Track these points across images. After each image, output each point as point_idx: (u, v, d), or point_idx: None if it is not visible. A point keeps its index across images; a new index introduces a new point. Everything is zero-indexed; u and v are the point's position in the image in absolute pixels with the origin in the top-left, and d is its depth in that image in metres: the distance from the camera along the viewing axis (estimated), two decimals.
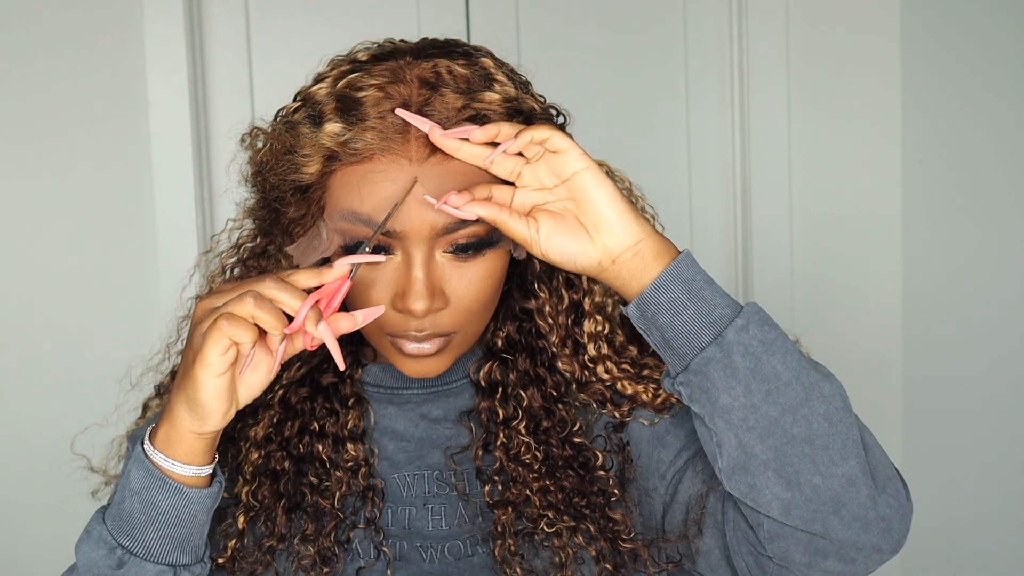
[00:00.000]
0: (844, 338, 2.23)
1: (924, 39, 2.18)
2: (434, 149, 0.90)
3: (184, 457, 0.89)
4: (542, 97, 0.99)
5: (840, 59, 2.21)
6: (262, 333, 0.87)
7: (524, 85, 0.97)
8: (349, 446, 1.03)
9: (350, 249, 0.93)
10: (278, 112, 0.98)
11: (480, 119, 0.91)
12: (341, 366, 0.86)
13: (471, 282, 0.94)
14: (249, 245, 1.10)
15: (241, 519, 1.01)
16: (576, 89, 2.23)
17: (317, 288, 0.88)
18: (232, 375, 0.86)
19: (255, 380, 0.88)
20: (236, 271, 1.13)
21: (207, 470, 0.91)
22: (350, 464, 1.02)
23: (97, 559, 0.91)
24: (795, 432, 0.88)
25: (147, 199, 2.08)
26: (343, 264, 0.87)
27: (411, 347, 0.95)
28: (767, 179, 2.23)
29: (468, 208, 0.89)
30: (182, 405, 0.87)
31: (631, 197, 1.08)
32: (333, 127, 0.91)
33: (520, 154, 0.91)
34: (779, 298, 2.24)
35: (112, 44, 2.06)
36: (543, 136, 0.88)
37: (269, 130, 0.98)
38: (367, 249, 0.90)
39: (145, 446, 0.91)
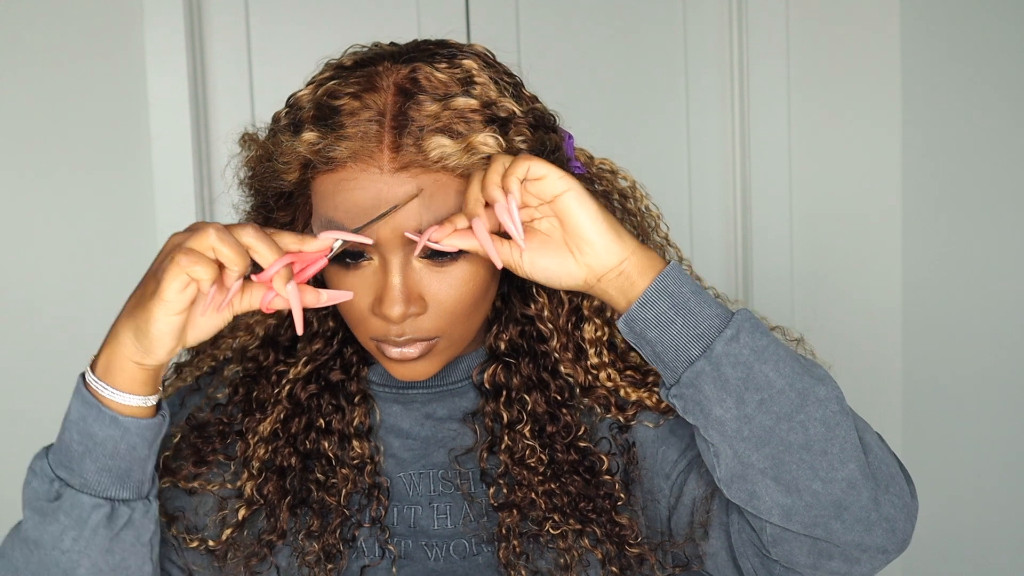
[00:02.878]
0: (844, 338, 2.23)
1: (924, 39, 2.18)
2: (408, 162, 0.89)
3: (124, 385, 0.87)
4: (533, 97, 0.99)
5: (840, 59, 2.21)
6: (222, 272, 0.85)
7: (515, 87, 0.96)
8: (355, 443, 1.03)
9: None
10: (273, 116, 0.98)
11: (451, 131, 0.89)
12: (300, 330, 0.85)
13: (451, 286, 0.93)
14: None
15: (242, 512, 1.01)
16: (576, 89, 2.23)
17: (295, 253, 0.87)
18: (188, 315, 0.85)
19: (206, 323, 0.87)
20: None
21: (150, 401, 0.89)
22: (356, 461, 1.02)
23: (37, 493, 0.89)
24: (791, 439, 0.88)
25: (147, 199, 2.08)
26: (327, 237, 0.87)
27: (394, 352, 0.95)
28: (767, 179, 2.23)
29: (449, 241, 0.89)
30: (128, 333, 0.86)
31: (634, 196, 1.08)
32: (309, 135, 0.91)
33: None
34: (779, 298, 2.24)
35: (112, 45, 2.06)
36: (520, 175, 0.87)
37: (259, 135, 0.99)
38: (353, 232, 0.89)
39: (85, 375, 0.89)
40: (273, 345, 1.08)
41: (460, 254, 0.93)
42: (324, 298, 0.87)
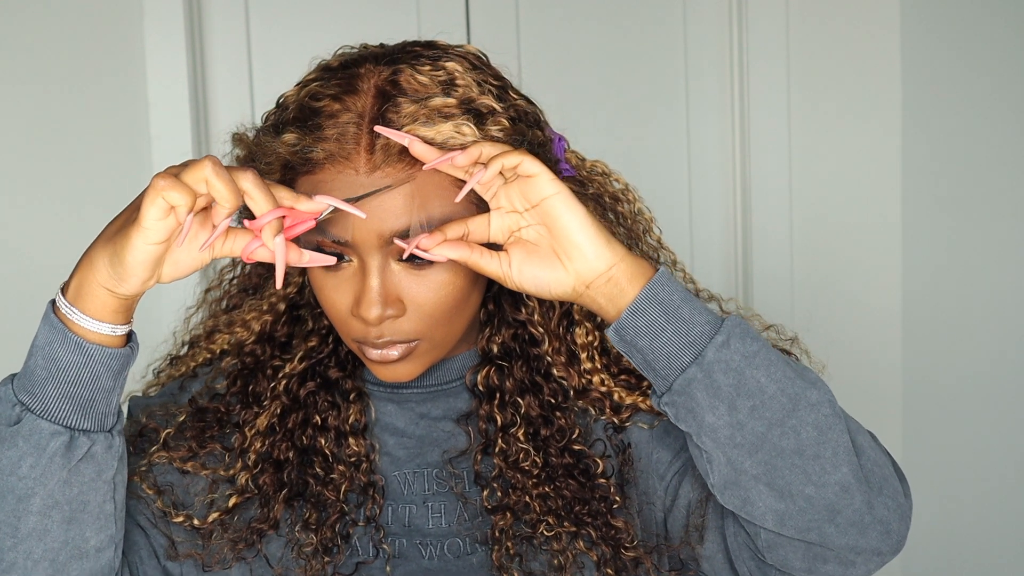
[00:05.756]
0: (844, 338, 2.23)
1: (924, 39, 2.18)
2: (382, 162, 0.89)
3: (93, 311, 0.85)
4: (523, 98, 0.98)
5: (840, 59, 2.20)
6: (206, 210, 0.85)
7: (500, 88, 0.95)
8: (351, 440, 1.03)
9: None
10: (263, 116, 0.98)
11: (425, 124, 0.89)
12: (279, 285, 0.84)
13: (430, 289, 0.93)
14: None
15: (232, 500, 1.00)
16: (576, 89, 2.23)
17: (288, 209, 0.86)
18: (166, 248, 0.83)
19: (184, 260, 0.85)
20: (240, 269, 1.13)
21: (118, 330, 0.86)
22: (353, 459, 1.02)
23: None
24: (784, 444, 0.88)
25: None
26: (322, 201, 0.86)
27: (375, 354, 0.95)
28: (767, 179, 2.23)
29: (439, 251, 0.89)
30: (104, 259, 0.84)
31: (627, 198, 1.08)
32: (288, 136, 0.91)
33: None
34: (779, 298, 2.24)
35: (112, 44, 2.06)
36: (513, 163, 0.87)
37: (248, 135, 0.99)
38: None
39: (56, 299, 0.87)
40: (270, 341, 1.08)
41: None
42: (306, 258, 0.86)
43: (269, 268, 1.11)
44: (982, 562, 2.25)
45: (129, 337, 0.89)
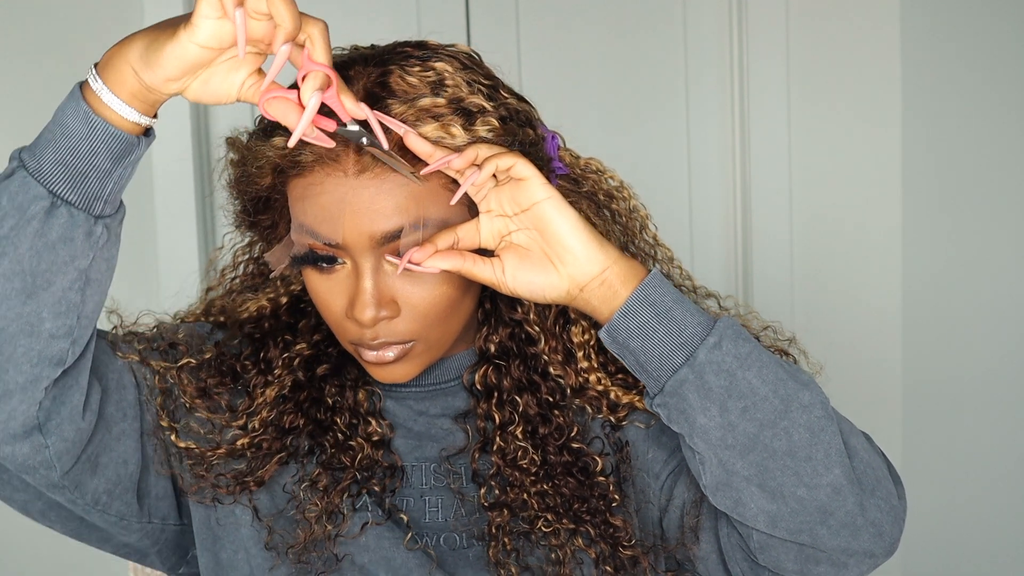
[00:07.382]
0: (844, 338, 2.23)
1: (924, 39, 2.18)
2: (371, 164, 0.89)
3: (112, 84, 0.84)
4: (514, 96, 0.97)
5: (840, 59, 2.21)
6: (259, 73, 0.85)
7: (491, 88, 0.95)
8: (371, 420, 1.02)
9: (297, 259, 0.93)
10: (256, 119, 0.98)
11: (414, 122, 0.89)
12: (292, 143, 0.84)
13: (424, 290, 0.93)
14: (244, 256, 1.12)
15: (221, 451, 0.99)
16: (576, 89, 2.23)
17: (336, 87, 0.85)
18: (206, 61, 0.82)
19: (215, 83, 0.84)
20: (241, 269, 1.13)
21: (130, 114, 0.85)
22: (375, 438, 1.02)
23: None
24: (776, 446, 0.88)
25: (147, 198, 2.09)
26: (365, 109, 0.85)
27: (370, 355, 0.95)
28: (767, 179, 2.23)
29: (431, 262, 0.89)
30: (143, 42, 0.83)
31: (621, 195, 1.08)
32: (278, 140, 0.91)
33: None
34: (779, 298, 2.24)
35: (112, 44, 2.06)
36: (507, 164, 0.87)
37: (242, 139, 0.99)
38: (366, 141, 0.87)
39: (89, 71, 0.86)
40: (274, 318, 1.07)
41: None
42: (314, 133, 0.85)
43: (269, 270, 1.11)
44: (982, 562, 2.25)
45: (146, 133, 0.88)
